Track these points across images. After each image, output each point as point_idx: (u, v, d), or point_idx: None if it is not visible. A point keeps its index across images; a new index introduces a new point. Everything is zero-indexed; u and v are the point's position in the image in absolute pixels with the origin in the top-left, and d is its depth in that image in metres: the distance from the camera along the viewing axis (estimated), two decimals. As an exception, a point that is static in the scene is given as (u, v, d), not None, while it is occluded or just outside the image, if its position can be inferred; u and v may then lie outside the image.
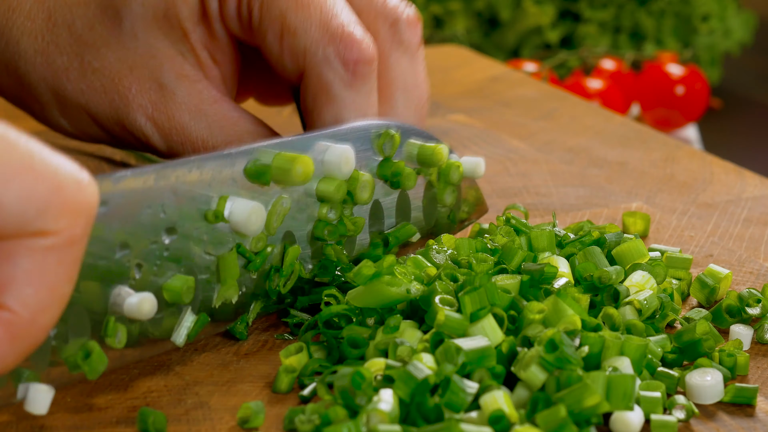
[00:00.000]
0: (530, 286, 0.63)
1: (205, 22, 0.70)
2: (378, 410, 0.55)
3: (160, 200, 0.59)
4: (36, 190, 0.47)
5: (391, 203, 0.70)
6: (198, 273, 0.61)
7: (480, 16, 1.61)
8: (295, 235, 0.65)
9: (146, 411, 0.57)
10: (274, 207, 0.63)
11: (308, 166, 0.63)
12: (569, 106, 1.02)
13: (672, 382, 0.60)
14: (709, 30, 1.61)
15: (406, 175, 0.69)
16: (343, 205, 0.66)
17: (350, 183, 0.66)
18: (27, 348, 0.49)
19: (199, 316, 0.62)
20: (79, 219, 0.48)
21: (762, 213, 0.81)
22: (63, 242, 0.48)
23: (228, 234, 0.62)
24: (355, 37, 0.68)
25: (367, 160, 0.68)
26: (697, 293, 0.68)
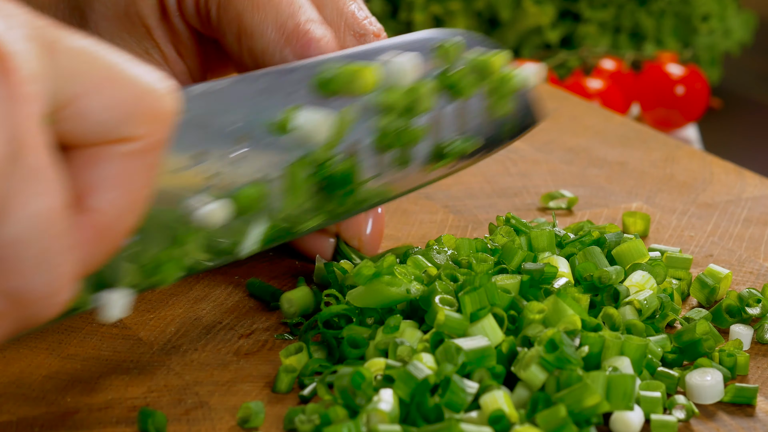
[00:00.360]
0: (530, 286, 0.63)
1: (165, 19, 0.71)
2: (378, 410, 0.55)
3: (232, 111, 0.60)
4: (119, 98, 0.49)
5: (452, 112, 0.70)
6: (270, 182, 0.62)
7: (480, 16, 1.61)
8: (361, 143, 0.66)
9: (146, 411, 0.57)
10: (340, 116, 0.64)
11: (373, 76, 0.64)
12: (569, 106, 1.02)
13: (672, 382, 0.60)
14: (709, 30, 1.61)
15: (463, 84, 0.69)
16: (406, 114, 0.67)
17: (411, 92, 0.66)
18: (112, 248, 0.51)
19: (272, 224, 0.62)
20: (160, 125, 0.50)
21: (762, 213, 0.81)
22: (145, 147, 0.50)
23: (296, 144, 0.63)
24: (312, 35, 0.68)
25: (428, 70, 0.68)
26: (697, 293, 0.68)
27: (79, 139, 0.49)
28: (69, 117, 0.48)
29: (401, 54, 0.66)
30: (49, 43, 0.48)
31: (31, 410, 0.58)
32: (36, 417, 0.58)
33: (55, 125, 0.48)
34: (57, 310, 0.49)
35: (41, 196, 0.47)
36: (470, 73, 0.70)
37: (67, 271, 0.48)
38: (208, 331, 0.66)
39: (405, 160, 0.68)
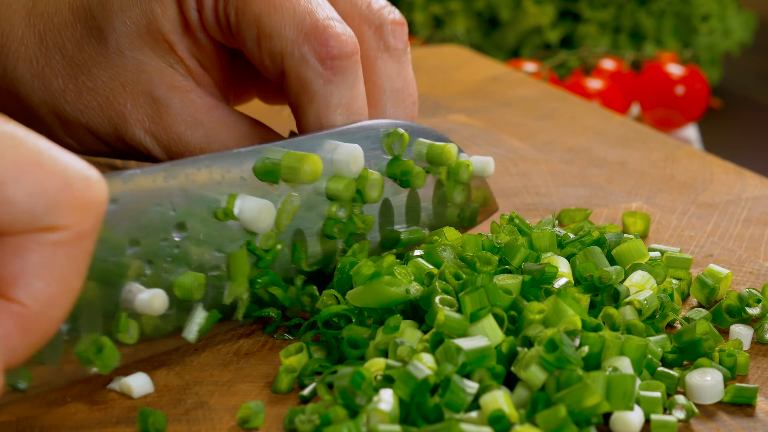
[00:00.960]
0: (531, 286, 0.63)
1: (188, 33, 0.71)
2: (378, 410, 0.55)
3: (170, 198, 0.60)
4: (45, 186, 0.48)
5: (401, 202, 0.70)
6: (209, 270, 0.62)
7: (480, 16, 1.61)
8: (305, 232, 0.66)
9: (146, 411, 0.57)
10: (283, 205, 0.64)
11: (317, 164, 0.64)
12: (569, 106, 1.02)
13: (672, 382, 0.60)
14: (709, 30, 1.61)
15: (415, 173, 0.69)
16: (352, 203, 0.67)
17: (359, 182, 0.66)
18: (38, 341, 0.49)
19: (210, 313, 0.62)
20: (88, 214, 0.49)
21: (762, 213, 0.81)
22: (72, 237, 0.49)
23: (238, 232, 0.63)
24: (331, 32, 0.68)
25: (376, 159, 0.68)
26: (697, 293, 0.68)
27: (3, 227, 0.47)
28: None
29: (345, 143, 0.66)
30: None
31: (31, 410, 0.58)
32: (36, 417, 0.58)
33: None
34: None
35: None
36: (419, 162, 0.70)
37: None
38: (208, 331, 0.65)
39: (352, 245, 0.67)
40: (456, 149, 0.70)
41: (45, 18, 0.73)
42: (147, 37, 0.70)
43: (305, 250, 0.66)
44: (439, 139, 0.71)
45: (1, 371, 0.48)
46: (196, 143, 0.71)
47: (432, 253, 0.65)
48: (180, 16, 0.70)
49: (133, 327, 0.58)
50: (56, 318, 0.49)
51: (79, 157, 0.50)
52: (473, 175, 0.72)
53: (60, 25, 0.72)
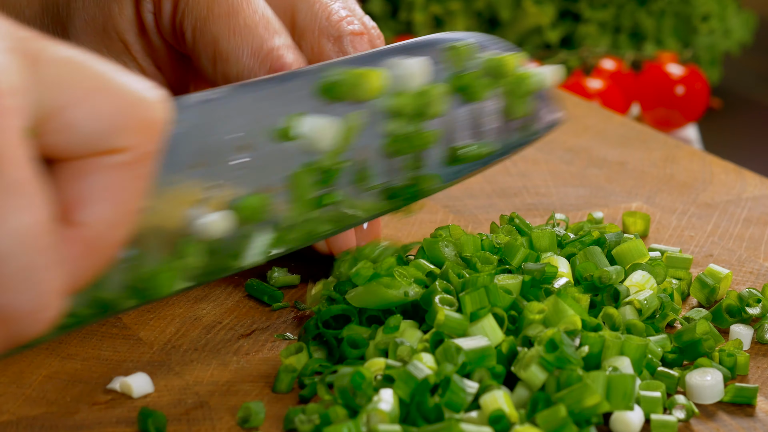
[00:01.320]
0: (531, 286, 0.63)
1: (143, 34, 0.71)
2: (378, 410, 0.55)
3: (232, 119, 0.60)
4: (106, 108, 0.48)
5: (466, 115, 0.69)
6: (273, 191, 0.61)
7: (480, 16, 1.61)
8: (370, 149, 0.65)
9: (146, 411, 0.57)
10: (346, 122, 0.63)
11: (379, 80, 0.63)
12: (569, 106, 1.02)
13: (672, 382, 0.60)
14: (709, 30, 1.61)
15: (477, 87, 0.68)
16: (416, 118, 0.66)
17: (422, 96, 0.65)
18: (103, 262, 0.50)
19: (277, 234, 0.61)
20: (150, 136, 0.49)
21: (762, 213, 0.81)
22: (135, 158, 0.49)
23: (301, 152, 0.62)
24: (285, 61, 0.68)
25: (439, 73, 0.67)
26: (697, 293, 0.69)
27: (66, 151, 0.48)
28: (55, 129, 0.47)
29: (409, 58, 0.65)
30: (32, 54, 0.47)
31: (31, 410, 0.58)
32: (36, 417, 0.58)
33: (41, 138, 0.47)
34: (43, 326, 0.47)
35: (24, 211, 0.45)
36: (483, 75, 0.68)
37: (54, 287, 0.47)
38: (208, 331, 0.66)
39: (417, 164, 0.67)
40: (519, 60, 0.69)
41: (17, 9, 0.73)
42: (103, 35, 0.71)
43: (370, 169, 0.65)
44: (504, 49, 0.70)
45: (64, 294, 0.48)
46: None
47: (433, 249, 0.65)
48: (136, 17, 0.70)
49: (200, 250, 0.58)
50: (118, 240, 0.50)
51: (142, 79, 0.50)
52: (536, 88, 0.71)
53: (30, 18, 0.72)
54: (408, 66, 0.65)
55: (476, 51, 0.68)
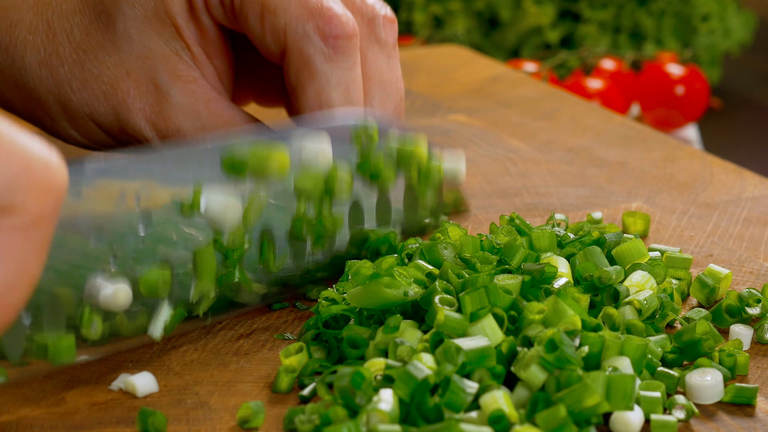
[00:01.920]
0: (530, 286, 0.63)
1: (193, 17, 0.71)
2: (378, 410, 0.55)
3: (135, 191, 0.59)
4: (3, 168, 0.47)
5: (371, 204, 0.69)
6: (175, 266, 0.61)
7: (480, 16, 1.61)
8: (274, 232, 0.65)
9: (146, 411, 0.57)
10: (251, 201, 0.63)
11: (284, 160, 0.63)
12: (569, 106, 1.02)
13: (672, 382, 0.60)
14: (709, 30, 1.61)
15: (384, 172, 0.69)
16: (322, 202, 0.66)
17: (329, 180, 0.66)
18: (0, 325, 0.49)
19: (176, 310, 0.61)
20: (47, 198, 0.48)
21: (762, 213, 0.81)
22: (31, 221, 0.48)
23: (205, 228, 0.62)
24: (335, 11, 0.69)
25: (347, 157, 0.68)
26: (697, 293, 0.69)
27: None
28: None
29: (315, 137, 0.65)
30: None
31: (31, 410, 0.58)
32: (36, 417, 0.58)
33: None
34: None
35: None
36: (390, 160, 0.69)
37: None
38: (208, 331, 0.66)
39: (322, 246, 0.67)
40: (426, 149, 0.70)
41: (53, 5, 0.73)
42: (155, 21, 0.71)
43: (273, 251, 0.65)
44: (411, 136, 0.70)
45: None
46: (193, 135, 0.71)
47: (433, 251, 0.65)
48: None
49: (97, 322, 0.58)
50: (14, 304, 0.49)
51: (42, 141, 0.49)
52: (445, 179, 0.72)
53: (68, 12, 0.73)
54: (315, 147, 0.65)
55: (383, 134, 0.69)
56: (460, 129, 0.96)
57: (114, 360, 0.63)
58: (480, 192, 0.83)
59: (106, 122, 0.73)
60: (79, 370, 0.61)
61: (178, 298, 0.62)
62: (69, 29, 0.73)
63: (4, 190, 0.47)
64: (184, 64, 0.71)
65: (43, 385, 0.60)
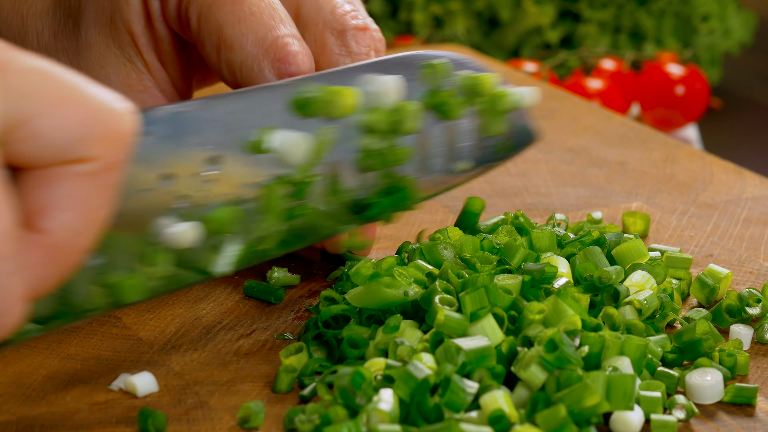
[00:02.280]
0: (531, 286, 0.63)
1: (149, 24, 0.71)
2: (378, 410, 0.55)
3: (204, 131, 0.60)
4: (73, 118, 0.48)
5: (440, 133, 0.69)
6: (243, 204, 0.61)
7: (480, 16, 1.61)
8: (343, 165, 0.65)
9: (146, 411, 0.57)
10: (319, 137, 0.63)
11: (353, 98, 0.64)
12: (569, 106, 1.02)
13: (672, 382, 0.60)
14: (709, 30, 1.61)
15: (452, 104, 0.68)
16: (390, 135, 0.66)
17: (396, 113, 0.66)
18: (65, 270, 0.50)
19: (247, 245, 0.61)
20: (116, 146, 0.50)
21: (762, 213, 0.81)
22: (100, 168, 0.49)
23: (273, 165, 0.62)
24: (289, 50, 0.68)
25: (413, 90, 0.67)
26: (697, 293, 0.69)
27: (32, 160, 0.48)
28: (22, 138, 0.47)
29: (383, 75, 0.65)
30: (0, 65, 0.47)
31: (31, 410, 0.59)
32: (36, 417, 0.58)
33: (7, 146, 0.47)
34: (5, 331, 0.47)
35: None
36: (458, 93, 0.69)
37: (16, 293, 0.47)
38: (208, 331, 0.66)
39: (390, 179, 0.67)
40: (494, 79, 0.69)
41: (29, 2, 0.73)
42: (111, 26, 0.71)
43: (342, 183, 0.65)
44: (480, 69, 0.70)
45: (26, 300, 0.49)
46: None
47: (433, 251, 0.65)
48: (143, 6, 0.71)
49: (167, 259, 0.58)
50: (82, 248, 0.50)
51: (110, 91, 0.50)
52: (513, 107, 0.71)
53: (42, 12, 0.73)
54: (382, 83, 0.65)
55: (452, 69, 0.69)
56: (460, 129, 0.96)
57: (113, 360, 0.63)
58: (480, 192, 0.83)
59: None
60: (79, 371, 0.62)
61: (246, 234, 0.62)
62: (40, 29, 0.72)
63: (74, 141, 0.48)
64: (135, 73, 0.71)
65: (43, 384, 0.60)
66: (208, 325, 0.66)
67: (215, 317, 0.67)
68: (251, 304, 0.68)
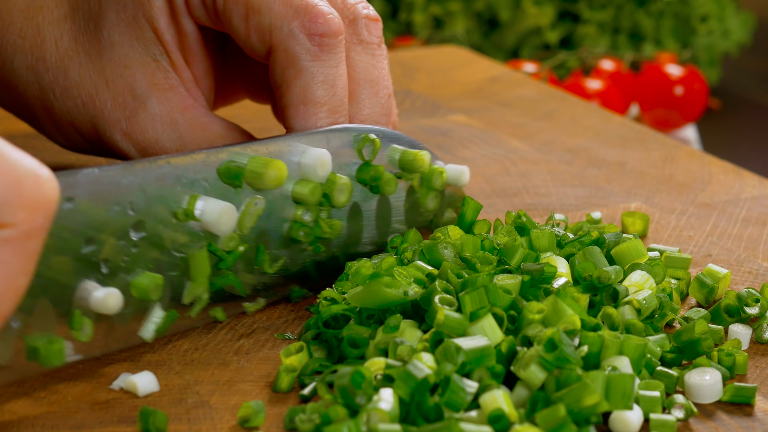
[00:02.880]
0: (530, 286, 0.63)
1: (174, 19, 0.71)
2: (378, 409, 0.55)
3: (128, 197, 0.60)
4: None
5: (371, 207, 0.70)
6: (167, 270, 0.61)
7: (480, 16, 1.61)
8: (271, 235, 0.65)
9: (147, 410, 0.57)
10: (247, 208, 0.64)
11: (282, 170, 0.64)
12: (569, 106, 1.02)
13: (671, 382, 0.60)
14: (707, 31, 1.61)
15: (386, 179, 0.69)
16: (320, 207, 0.66)
17: (327, 186, 0.66)
18: None
19: (168, 312, 0.62)
20: (37, 213, 0.49)
21: (760, 213, 0.81)
22: (20, 235, 0.49)
23: (199, 232, 0.62)
24: (320, 9, 0.68)
25: (346, 163, 0.68)
26: (696, 293, 0.69)
27: None
28: None
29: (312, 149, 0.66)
30: None
31: (32, 409, 0.59)
32: (37, 416, 0.58)
33: None
34: None
35: None
36: (392, 168, 0.70)
37: None
38: (209, 331, 0.66)
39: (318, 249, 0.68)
40: (429, 157, 0.70)
41: (44, 11, 0.73)
42: (135, 26, 0.71)
43: (269, 253, 0.66)
44: (412, 145, 0.71)
45: None
46: (170, 146, 0.71)
47: (433, 251, 0.66)
48: (167, 2, 0.71)
49: (88, 325, 0.58)
50: (2, 313, 0.49)
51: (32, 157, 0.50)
52: (447, 183, 0.72)
53: (60, 18, 0.73)
54: (315, 155, 0.65)
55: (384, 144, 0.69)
56: (460, 129, 0.96)
57: (114, 359, 0.63)
58: (480, 192, 0.83)
59: (86, 131, 0.73)
60: (80, 370, 0.62)
61: (170, 300, 0.62)
62: (59, 35, 0.73)
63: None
64: (161, 72, 0.71)
65: (44, 384, 0.60)
66: (208, 324, 0.66)
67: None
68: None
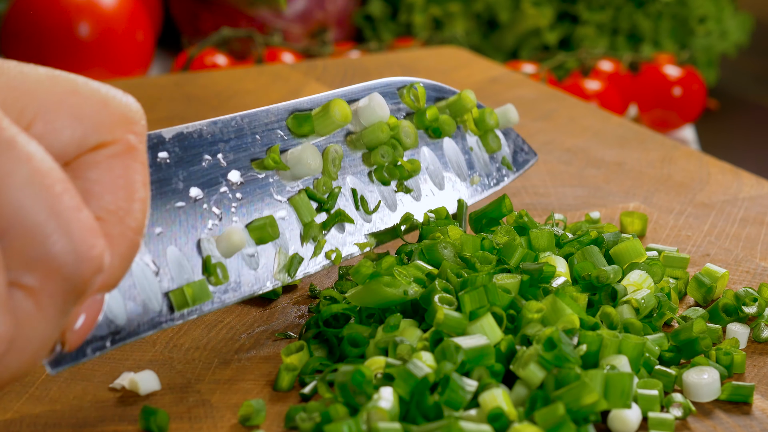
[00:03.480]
0: (529, 286, 0.63)
1: None
2: (378, 408, 0.55)
3: (216, 150, 0.62)
4: (85, 109, 0.50)
5: (440, 152, 0.72)
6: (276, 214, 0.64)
7: (479, 18, 1.61)
8: (359, 180, 0.67)
9: (149, 408, 0.57)
10: (326, 153, 0.66)
11: (344, 107, 0.66)
12: (567, 107, 1.03)
13: (669, 380, 0.60)
14: (706, 32, 1.61)
15: (443, 120, 0.71)
16: (393, 150, 0.68)
17: (393, 129, 0.68)
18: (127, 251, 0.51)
19: (293, 255, 0.64)
20: (130, 127, 0.51)
21: (758, 213, 0.81)
22: (123, 149, 0.51)
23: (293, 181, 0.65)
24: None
25: (397, 114, 0.70)
26: (694, 292, 0.69)
27: (59, 155, 0.50)
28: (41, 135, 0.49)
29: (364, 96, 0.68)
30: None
31: (34, 408, 0.59)
32: (39, 415, 0.58)
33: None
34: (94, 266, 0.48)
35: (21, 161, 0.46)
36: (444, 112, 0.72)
37: (87, 225, 0.47)
38: (210, 330, 0.66)
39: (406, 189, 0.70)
40: (473, 96, 0.72)
41: None
42: None
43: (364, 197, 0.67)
44: (454, 91, 0.73)
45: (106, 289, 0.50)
46: None
47: (433, 250, 0.66)
48: None
49: (221, 267, 0.60)
50: (135, 226, 0.51)
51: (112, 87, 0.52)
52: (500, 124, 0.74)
53: None
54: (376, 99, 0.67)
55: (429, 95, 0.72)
56: (459, 130, 0.96)
57: (116, 358, 0.63)
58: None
59: None
60: (82, 369, 0.62)
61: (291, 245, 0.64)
62: None
63: (91, 129, 0.50)
64: None
65: (46, 383, 0.61)
66: (209, 323, 0.66)
67: (217, 316, 0.67)
68: (252, 303, 0.69)
